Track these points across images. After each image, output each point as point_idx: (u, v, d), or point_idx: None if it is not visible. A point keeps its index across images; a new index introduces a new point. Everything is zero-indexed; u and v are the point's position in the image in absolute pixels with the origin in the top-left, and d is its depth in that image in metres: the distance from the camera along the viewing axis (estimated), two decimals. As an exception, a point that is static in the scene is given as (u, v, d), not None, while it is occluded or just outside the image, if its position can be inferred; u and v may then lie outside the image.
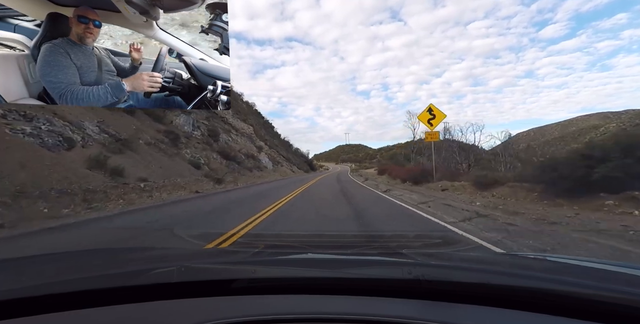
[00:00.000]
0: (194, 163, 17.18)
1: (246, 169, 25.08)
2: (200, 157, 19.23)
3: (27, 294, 0.74)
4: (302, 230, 4.91)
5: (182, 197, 10.32)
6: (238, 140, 30.81)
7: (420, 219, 6.12)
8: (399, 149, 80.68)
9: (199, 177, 15.68)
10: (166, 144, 16.86)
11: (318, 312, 0.71)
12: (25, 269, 1.05)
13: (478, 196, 10.07)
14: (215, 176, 16.89)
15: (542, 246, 3.88)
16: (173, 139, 17.88)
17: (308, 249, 2.07)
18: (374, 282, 0.84)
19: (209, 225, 5.48)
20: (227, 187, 15.57)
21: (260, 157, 33.02)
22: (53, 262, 1.18)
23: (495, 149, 26.34)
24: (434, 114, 14.70)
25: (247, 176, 22.84)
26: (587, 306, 0.71)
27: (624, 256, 3.42)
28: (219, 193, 12.31)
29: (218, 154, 22.45)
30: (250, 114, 45.44)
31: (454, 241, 4.27)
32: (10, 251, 4.05)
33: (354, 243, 3.93)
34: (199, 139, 22.19)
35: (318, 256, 1.44)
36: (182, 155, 17.38)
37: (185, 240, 4.10)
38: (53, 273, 1.01)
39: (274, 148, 44.09)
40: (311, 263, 1.15)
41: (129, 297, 0.76)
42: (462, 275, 0.89)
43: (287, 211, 7.01)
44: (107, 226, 5.58)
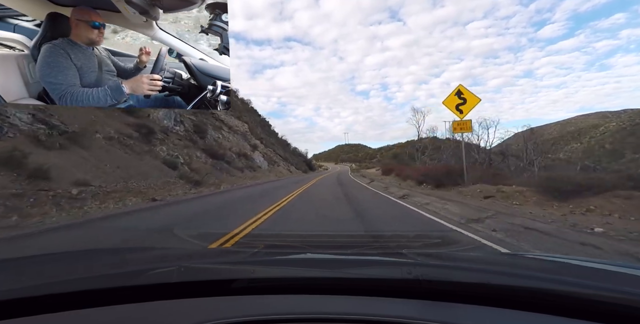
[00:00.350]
0: (169, 162, 15.07)
1: (237, 169, 23.35)
2: (179, 155, 17.12)
3: (27, 294, 0.74)
4: (302, 230, 4.91)
5: (126, 209, 7.62)
6: (230, 137, 29.21)
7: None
8: (400, 149, 79.84)
9: (171, 179, 13.50)
10: (135, 139, 14.67)
11: (318, 312, 0.71)
12: (25, 269, 1.05)
13: (556, 209, 6.75)
14: (193, 177, 14.79)
15: None
16: (146, 134, 15.63)
17: (308, 249, 2.07)
18: (374, 282, 0.84)
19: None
20: (203, 191, 12.80)
21: (254, 157, 31.66)
22: (53, 262, 1.18)
23: (500, 147, 24.24)
24: (464, 97, 10.89)
25: (236, 177, 20.88)
26: (587, 306, 0.71)
27: None
28: (182, 202, 9.12)
29: (203, 153, 20.54)
30: (246, 112, 43.93)
31: (453, 241, 4.27)
32: None
33: (353, 243, 3.93)
34: (181, 135, 20.14)
35: (318, 256, 1.44)
36: (154, 153, 15.23)
37: (185, 240, 4.10)
38: (53, 273, 1.01)
39: (270, 147, 42.66)
40: (311, 263, 1.15)
41: (129, 297, 0.76)
42: (462, 275, 0.89)
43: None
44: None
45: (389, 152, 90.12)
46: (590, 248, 3.77)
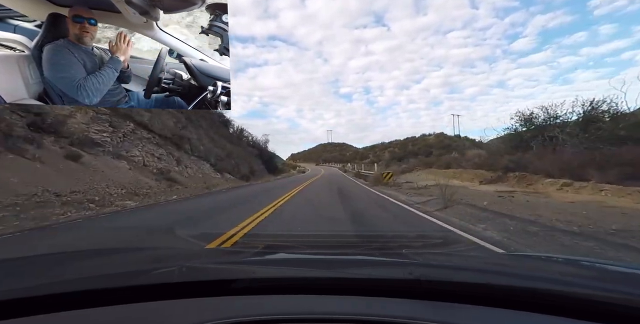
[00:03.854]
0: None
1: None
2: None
3: (27, 294, 0.74)
4: (302, 230, 4.90)
5: None
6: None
7: None
8: (404, 146, 68.03)
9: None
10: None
11: (318, 312, 0.71)
12: (25, 269, 1.05)
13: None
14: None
15: None
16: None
17: (308, 249, 2.07)
18: (374, 282, 0.85)
19: None
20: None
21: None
22: (53, 262, 1.18)
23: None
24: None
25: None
26: (587, 306, 0.71)
27: None
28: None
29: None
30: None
31: (454, 241, 4.26)
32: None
33: (354, 243, 3.93)
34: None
35: (318, 256, 1.44)
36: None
37: (186, 240, 4.09)
38: (53, 272, 1.01)
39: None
40: (311, 263, 1.15)
41: (129, 297, 0.76)
42: (463, 275, 0.89)
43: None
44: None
45: (384, 150, 74.31)
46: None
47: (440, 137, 66.24)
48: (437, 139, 65.56)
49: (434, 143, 63.05)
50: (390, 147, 74.55)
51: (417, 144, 67.35)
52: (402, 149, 66.17)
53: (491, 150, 22.41)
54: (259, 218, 5.78)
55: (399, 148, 69.53)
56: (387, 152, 70.60)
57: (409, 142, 71.39)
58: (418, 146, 65.49)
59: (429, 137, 69.92)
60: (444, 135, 67.66)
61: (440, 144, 59.92)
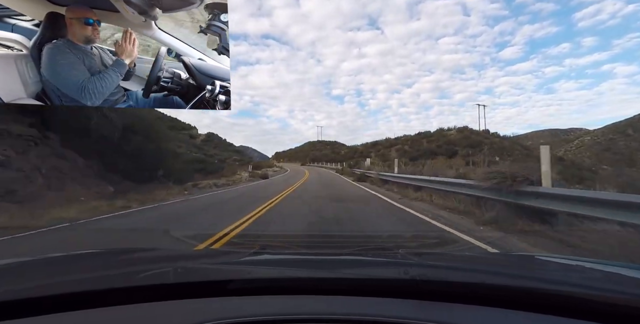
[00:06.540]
0: None
1: None
2: None
3: (24, 295, 0.74)
4: (298, 230, 4.90)
5: None
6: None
7: None
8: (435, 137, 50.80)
9: None
10: None
11: (314, 312, 0.71)
12: (23, 270, 1.05)
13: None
14: None
15: None
16: None
17: (304, 250, 2.07)
18: (370, 282, 0.85)
19: None
20: None
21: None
22: (50, 263, 1.18)
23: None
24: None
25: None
26: (584, 306, 0.72)
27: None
28: None
29: None
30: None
31: (450, 241, 4.26)
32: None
33: (350, 243, 3.92)
34: None
35: (314, 256, 1.44)
36: None
37: (181, 240, 4.09)
38: (50, 274, 1.00)
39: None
40: (307, 263, 1.15)
41: (125, 298, 0.76)
42: (459, 275, 0.89)
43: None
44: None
45: (389, 148, 55.09)
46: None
47: (465, 133, 52.06)
48: (460, 135, 51.13)
49: (457, 140, 49.58)
50: (398, 144, 56.66)
51: (433, 141, 52.06)
52: (413, 147, 50.72)
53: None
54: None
55: (410, 145, 53.04)
56: (393, 150, 53.00)
57: (422, 139, 54.95)
58: (436, 142, 50.90)
59: (449, 132, 54.46)
60: (468, 130, 53.47)
61: (465, 140, 47.44)
